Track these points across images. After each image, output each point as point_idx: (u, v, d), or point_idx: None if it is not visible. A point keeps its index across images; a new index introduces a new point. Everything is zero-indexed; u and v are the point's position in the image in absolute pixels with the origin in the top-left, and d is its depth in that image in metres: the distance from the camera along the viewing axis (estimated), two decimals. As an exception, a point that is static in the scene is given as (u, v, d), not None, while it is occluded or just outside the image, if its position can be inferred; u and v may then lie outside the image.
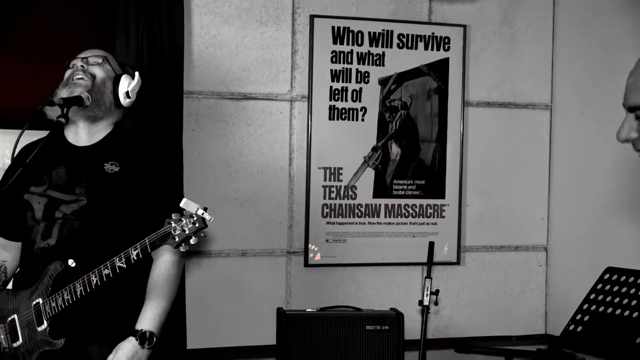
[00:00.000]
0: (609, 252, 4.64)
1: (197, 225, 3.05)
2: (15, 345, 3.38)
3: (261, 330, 4.65)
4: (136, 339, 3.28)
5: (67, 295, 3.20)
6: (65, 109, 3.15)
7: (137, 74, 3.53)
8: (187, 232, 3.06)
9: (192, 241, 3.06)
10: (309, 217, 4.87)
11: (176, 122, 4.52)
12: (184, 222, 3.05)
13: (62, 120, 3.16)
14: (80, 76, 3.31)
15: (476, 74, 5.24)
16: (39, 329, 3.30)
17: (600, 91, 5.16)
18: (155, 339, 3.34)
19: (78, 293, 3.17)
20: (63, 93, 3.24)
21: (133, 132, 3.70)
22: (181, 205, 3.04)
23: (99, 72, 3.37)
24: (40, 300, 3.28)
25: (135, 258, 3.10)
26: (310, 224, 4.88)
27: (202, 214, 3.05)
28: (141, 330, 3.30)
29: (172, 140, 4.48)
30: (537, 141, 5.38)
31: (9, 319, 3.37)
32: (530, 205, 5.39)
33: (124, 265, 3.11)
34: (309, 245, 4.81)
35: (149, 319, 3.35)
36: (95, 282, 3.14)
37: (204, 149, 4.72)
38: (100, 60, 3.40)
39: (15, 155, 3.24)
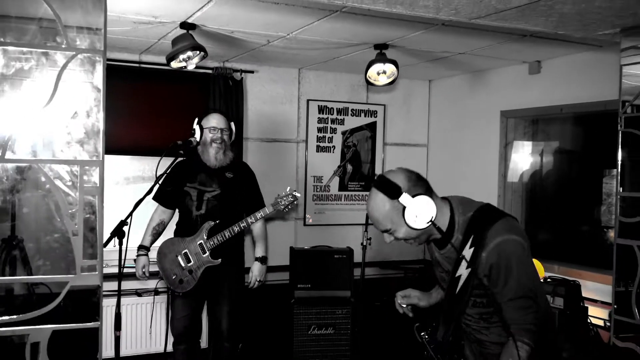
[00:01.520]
0: None
1: (290, 198, 4.21)
2: (189, 265, 4.09)
3: (282, 257, 5.51)
4: (259, 261, 4.38)
5: (221, 237, 4.07)
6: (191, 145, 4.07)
7: (233, 127, 4.28)
8: (287, 202, 4.18)
9: (290, 207, 4.17)
10: (306, 201, 6.02)
11: (240, 152, 5.47)
12: (284, 197, 4.22)
13: (181, 153, 4.01)
14: (218, 142, 4.12)
15: (390, 129, 6.42)
16: (204, 255, 4.08)
17: (453, 138, 6.29)
18: (267, 260, 4.38)
19: (227, 235, 4.10)
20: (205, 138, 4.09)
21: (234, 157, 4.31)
22: (287, 190, 4.14)
23: (226, 138, 4.19)
24: (202, 241, 4.09)
25: (258, 218, 4.12)
26: (307, 204, 6.05)
27: (294, 192, 4.23)
28: (261, 255, 4.37)
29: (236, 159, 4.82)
30: (421, 162, 6.62)
31: (183, 251, 4.12)
32: None
33: (254, 221, 4.10)
34: (306, 215, 6.01)
35: (261, 250, 4.39)
36: (237, 230, 4.09)
37: (253, 166, 4.95)
38: (227, 131, 4.20)
39: (167, 170, 4.03)
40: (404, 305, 2.77)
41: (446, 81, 6.43)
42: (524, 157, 5.75)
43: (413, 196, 2.27)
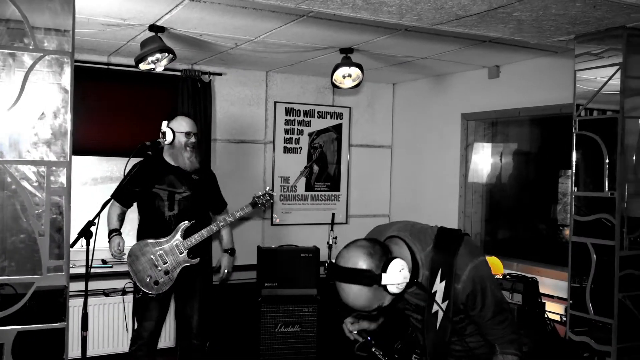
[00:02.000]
0: (419, 219, 5.02)
1: (267, 197, 4.28)
2: (165, 265, 4.04)
3: (250, 256, 5.53)
4: (228, 253, 4.42)
5: (199, 237, 4.08)
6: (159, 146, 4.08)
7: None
8: (264, 201, 4.26)
9: (267, 205, 4.27)
10: (273, 200, 5.56)
11: (208, 153, 5.52)
12: (262, 196, 4.27)
13: (151, 153, 4.03)
14: (191, 146, 4.14)
15: (355, 131, 6.44)
16: (181, 255, 4.06)
17: (416, 140, 6.33)
18: (235, 252, 4.40)
19: (205, 235, 4.11)
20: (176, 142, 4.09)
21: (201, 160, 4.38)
22: (267, 189, 4.28)
23: (196, 142, 4.19)
24: (179, 242, 4.07)
25: (237, 217, 4.19)
26: (274, 204, 5.99)
27: (271, 191, 4.34)
28: (230, 247, 4.40)
29: (206, 162, 5.30)
30: (385, 163, 6.62)
31: (158, 252, 4.04)
32: (381, 194, 6.58)
33: (232, 220, 4.17)
34: (273, 214, 5.98)
35: (229, 242, 4.43)
36: (215, 229, 4.13)
37: (221, 166, 5.62)
38: (197, 135, 4.24)
39: (132, 170, 4.01)
40: (355, 332, 2.63)
41: (409, 85, 6.48)
42: (484, 158, 5.82)
43: (384, 270, 2.10)
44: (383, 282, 2.09)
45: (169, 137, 4.11)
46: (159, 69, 4.37)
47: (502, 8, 2.94)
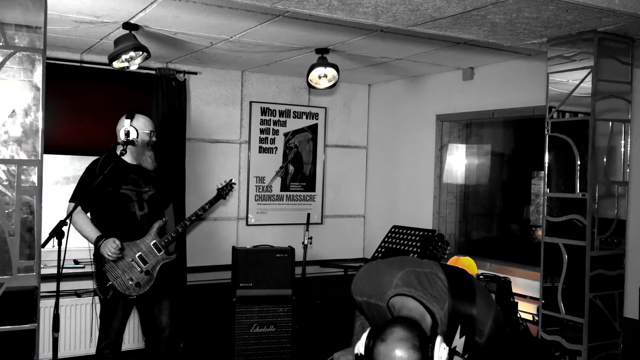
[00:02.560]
0: (394, 219, 5.71)
1: (229, 186, 4.45)
2: (145, 266, 4.05)
3: (224, 256, 5.63)
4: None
5: (174, 233, 4.15)
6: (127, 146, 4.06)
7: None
8: (228, 190, 4.41)
9: (230, 193, 4.44)
10: (249, 201, 6.01)
11: (182, 152, 5.51)
12: (225, 187, 4.41)
13: (124, 152, 4.03)
14: (152, 145, 4.19)
15: (331, 131, 6.45)
16: (160, 254, 4.09)
17: (391, 140, 6.35)
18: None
19: (180, 231, 4.19)
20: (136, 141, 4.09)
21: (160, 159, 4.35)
22: (230, 180, 4.44)
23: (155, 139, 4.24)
24: (156, 240, 4.09)
25: (207, 209, 4.30)
26: (249, 204, 6.01)
27: (232, 181, 4.50)
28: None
29: (180, 162, 5.45)
30: (360, 163, 6.67)
31: (137, 254, 4.04)
32: (356, 195, 6.63)
33: (202, 212, 4.26)
34: (248, 215, 6.00)
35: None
36: (188, 224, 4.24)
37: (196, 166, 5.66)
38: (155, 134, 4.26)
39: (105, 171, 3.86)
40: None
41: (385, 86, 6.50)
42: (458, 159, 5.86)
43: (432, 357, 2.01)
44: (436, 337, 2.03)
45: (133, 135, 4.08)
46: (133, 67, 4.32)
47: (477, 10, 2.97)
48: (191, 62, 5.52)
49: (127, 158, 4.14)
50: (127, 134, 4.08)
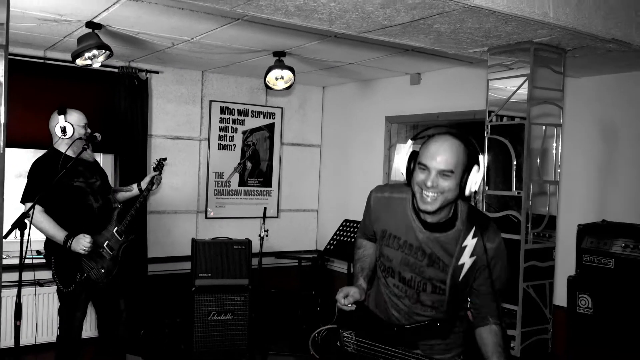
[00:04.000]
0: (346, 214, 5.83)
1: (160, 165, 4.44)
2: (112, 253, 4.01)
3: (184, 247, 5.61)
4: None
5: (129, 217, 4.10)
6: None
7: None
8: (160, 168, 4.42)
9: (162, 169, 4.45)
10: (208, 195, 5.96)
11: (144, 148, 5.44)
12: (158, 165, 4.42)
13: (87, 148, 3.95)
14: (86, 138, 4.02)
15: (287, 130, 6.43)
16: (121, 239, 4.08)
17: (343, 140, 6.39)
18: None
19: (133, 213, 4.14)
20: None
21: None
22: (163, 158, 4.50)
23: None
24: (117, 227, 4.08)
25: (152, 188, 4.36)
26: (208, 198, 5.96)
27: (162, 160, 4.49)
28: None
29: (142, 158, 5.38)
30: (315, 161, 6.66)
31: (105, 244, 3.99)
32: (310, 190, 6.62)
33: (143, 187, 4.31)
34: (208, 208, 5.94)
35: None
36: (139, 205, 4.19)
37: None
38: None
39: (68, 167, 3.79)
40: (349, 305, 2.39)
41: (338, 88, 6.50)
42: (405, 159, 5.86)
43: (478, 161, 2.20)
44: (479, 163, 2.16)
45: (69, 131, 3.94)
46: (96, 65, 4.23)
47: (424, 20, 3.00)
48: (153, 62, 5.42)
49: (70, 152, 3.95)
50: (64, 129, 3.94)
